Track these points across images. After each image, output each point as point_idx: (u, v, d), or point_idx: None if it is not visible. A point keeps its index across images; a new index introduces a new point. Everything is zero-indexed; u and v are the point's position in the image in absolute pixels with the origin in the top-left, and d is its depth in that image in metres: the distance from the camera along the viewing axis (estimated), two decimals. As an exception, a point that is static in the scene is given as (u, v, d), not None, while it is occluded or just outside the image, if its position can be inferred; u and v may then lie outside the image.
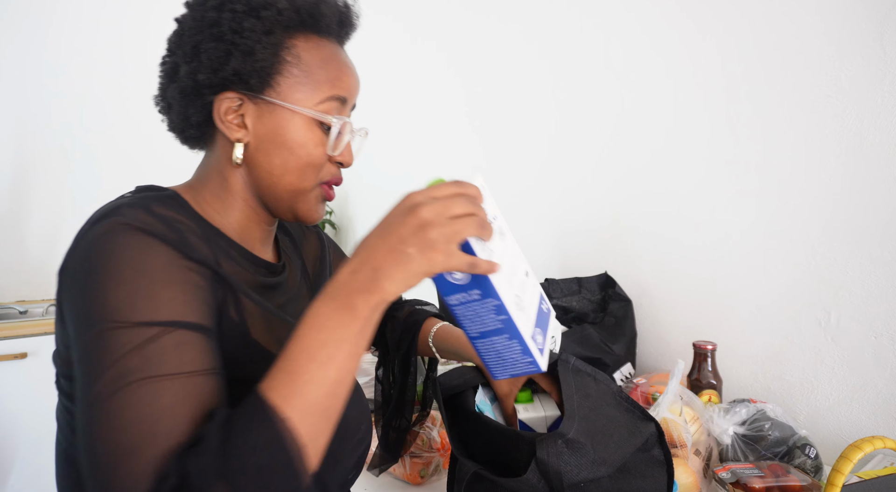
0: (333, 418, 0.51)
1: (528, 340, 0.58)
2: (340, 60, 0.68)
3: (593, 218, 1.55)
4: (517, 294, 0.60)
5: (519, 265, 0.63)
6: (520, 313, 0.58)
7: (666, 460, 0.77)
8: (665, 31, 1.36)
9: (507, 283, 0.58)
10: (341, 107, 0.67)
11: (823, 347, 1.11)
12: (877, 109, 1.03)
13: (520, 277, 0.62)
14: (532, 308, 0.62)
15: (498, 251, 0.56)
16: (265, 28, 0.63)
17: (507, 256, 0.60)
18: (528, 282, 0.64)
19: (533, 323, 0.61)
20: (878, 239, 1.04)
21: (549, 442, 0.65)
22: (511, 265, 0.61)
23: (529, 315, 0.61)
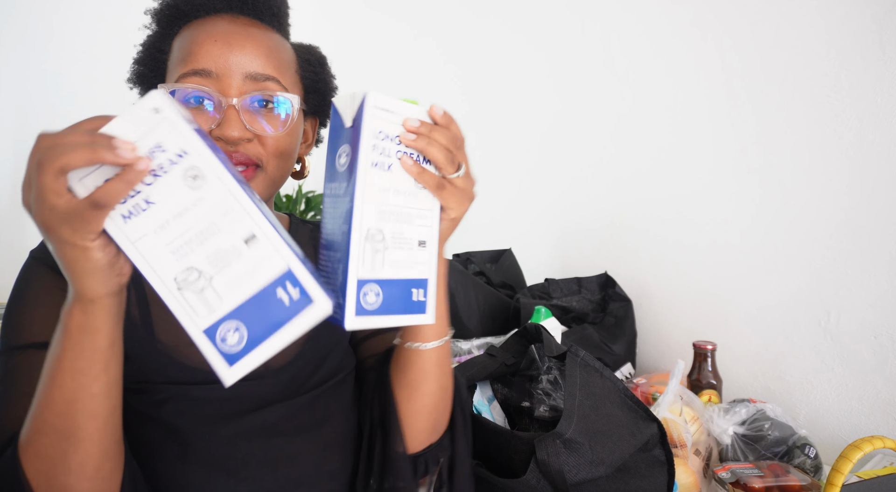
0: (81, 439, 0.47)
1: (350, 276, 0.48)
2: (199, 34, 0.62)
3: (593, 218, 1.55)
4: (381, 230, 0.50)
5: (417, 223, 0.52)
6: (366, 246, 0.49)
7: (667, 460, 0.77)
8: (665, 31, 1.36)
9: (376, 207, 0.49)
10: (204, 79, 0.61)
11: (823, 348, 1.11)
12: (877, 109, 1.03)
13: (399, 228, 0.51)
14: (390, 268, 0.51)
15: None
16: (159, 31, 0.68)
17: (390, 191, 0.50)
18: (416, 249, 0.53)
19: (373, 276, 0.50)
20: (878, 239, 1.04)
21: (549, 442, 0.65)
22: (406, 207, 0.51)
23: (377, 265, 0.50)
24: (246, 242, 0.44)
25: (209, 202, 0.43)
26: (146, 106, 0.42)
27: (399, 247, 0.50)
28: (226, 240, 0.43)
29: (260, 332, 0.44)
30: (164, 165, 0.42)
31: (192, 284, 0.43)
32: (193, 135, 0.43)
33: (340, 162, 0.50)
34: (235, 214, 0.43)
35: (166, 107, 0.42)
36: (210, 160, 0.43)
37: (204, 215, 0.43)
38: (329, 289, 0.47)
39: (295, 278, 0.44)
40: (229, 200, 0.43)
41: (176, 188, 0.42)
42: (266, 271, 0.44)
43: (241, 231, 0.43)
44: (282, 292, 0.44)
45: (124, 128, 0.41)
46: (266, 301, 0.44)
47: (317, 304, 0.44)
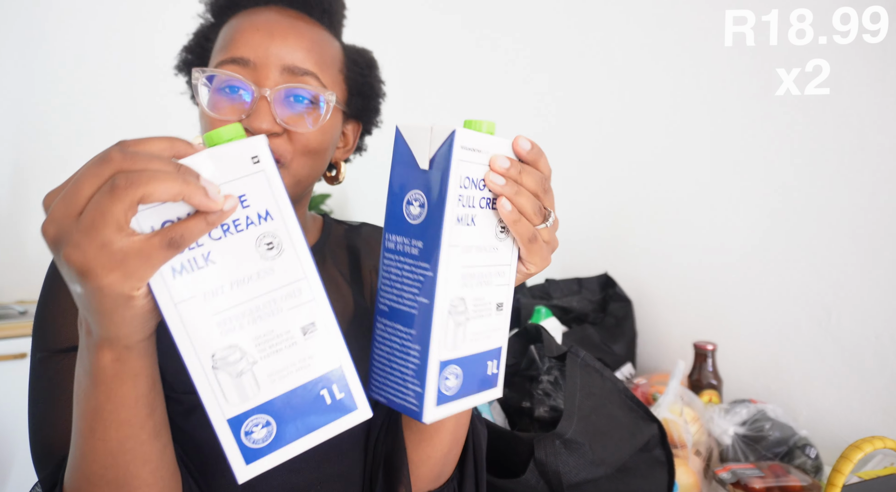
0: (136, 487, 0.44)
1: (432, 360, 0.41)
2: (243, 22, 0.61)
3: (593, 218, 1.55)
4: (464, 300, 0.43)
5: (494, 283, 0.46)
6: (448, 321, 0.42)
7: (667, 460, 0.77)
8: (664, 31, 1.36)
9: (459, 271, 0.42)
10: (240, 68, 0.58)
11: (823, 348, 1.11)
12: (877, 109, 1.03)
13: (481, 295, 0.45)
14: (470, 342, 0.44)
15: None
16: (211, 20, 0.66)
17: (481, 253, 0.44)
18: (494, 313, 0.46)
19: (455, 355, 0.43)
20: (878, 239, 1.03)
21: (548, 442, 0.65)
22: (483, 268, 0.45)
23: (458, 341, 0.43)
24: (304, 330, 0.39)
25: (277, 278, 0.37)
26: (245, 151, 0.36)
27: (480, 315, 0.42)
28: (283, 324, 0.38)
29: (291, 430, 0.39)
30: (240, 221, 0.36)
31: (230, 366, 0.37)
32: (285, 198, 0.37)
33: (412, 212, 0.42)
34: (303, 298, 0.38)
35: (266, 157, 0.36)
36: (294, 232, 0.37)
37: (267, 291, 0.37)
38: (376, 392, 0.44)
39: (344, 380, 0.40)
40: (301, 280, 0.38)
41: (245, 252, 0.36)
42: (316, 367, 0.39)
43: (304, 318, 0.38)
44: (325, 392, 0.39)
45: (210, 166, 0.35)
46: (307, 398, 0.39)
47: (359, 411, 0.40)
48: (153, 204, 0.34)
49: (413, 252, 0.42)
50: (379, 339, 0.44)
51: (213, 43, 0.64)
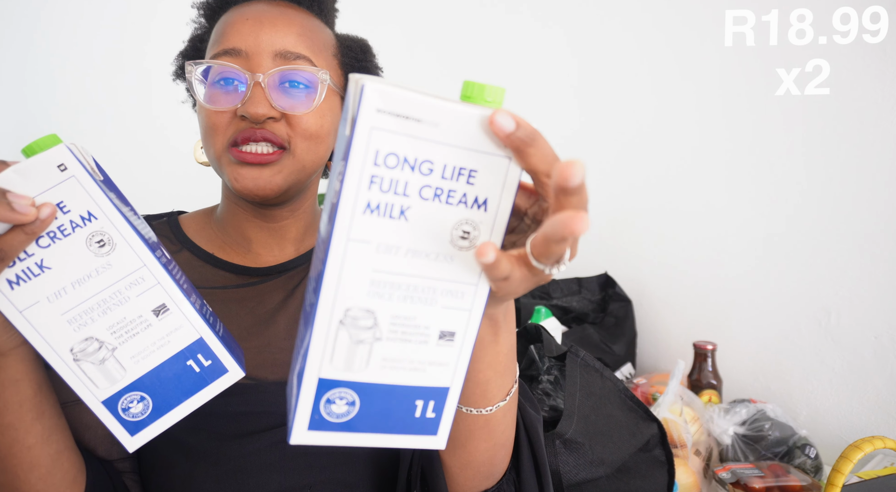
0: (20, 490, 0.44)
1: (308, 373, 0.34)
2: (233, 15, 0.61)
3: (593, 218, 1.54)
4: (371, 311, 0.34)
5: (426, 314, 0.35)
6: (339, 333, 0.34)
7: (667, 460, 0.77)
8: (663, 30, 1.36)
9: (366, 276, 0.33)
10: (233, 58, 0.58)
11: (823, 347, 1.11)
12: (877, 109, 1.03)
13: (407, 309, 0.34)
14: (380, 368, 0.36)
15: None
16: (204, 24, 0.67)
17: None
18: (432, 342, 0.36)
19: (348, 378, 0.35)
20: (878, 239, 1.03)
21: (547, 442, 0.65)
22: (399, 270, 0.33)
23: (357, 362, 0.35)
24: (156, 312, 0.41)
25: (116, 270, 0.39)
26: (49, 161, 0.37)
27: (402, 338, 0.34)
28: (133, 310, 0.40)
29: (167, 400, 0.42)
30: (65, 227, 0.38)
31: (90, 355, 0.39)
32: (103, 197, 0.38)
33: (334, 187, 0.33)
34: (146, 284, 0.40)
35: (72, 163, 0.37)
36: (121, 226, 0.39)
37: (109, 284, 0.39)
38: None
39: (208, 349, 0.42)
40: (140, 269, 0.40)
41: (77, 253, 0.38)
42: (176, 342, 0.42)
43: (153, 302, 0.40)
44: (193, 363, 0.42)
45: (18, 180, 0.36)
46: (175, 370, 0.42)
47: (230, 373, 0.44)
48: None
49: (323, 236, 0.34)
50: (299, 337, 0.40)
51: (205, 44, 0.65)
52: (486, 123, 0.31)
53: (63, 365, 0.39)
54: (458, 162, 0.32)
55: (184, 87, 0.70)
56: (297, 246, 0.67)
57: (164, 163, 2.15)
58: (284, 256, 0.66)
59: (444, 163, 0.32)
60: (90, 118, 2.58)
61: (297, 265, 0.65)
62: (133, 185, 1.74)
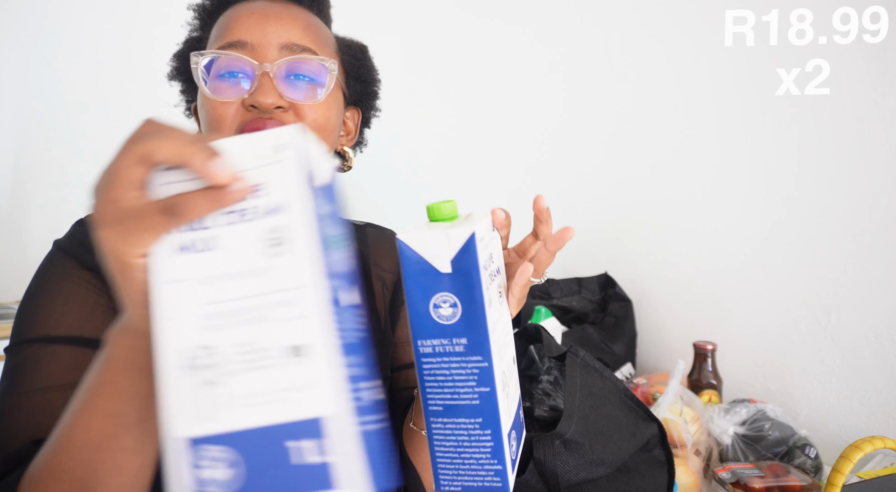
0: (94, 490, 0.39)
1: (504, 438, 0.43)
2: (237, 10, 0.61)
3: (593, 218, 1.55)
4: (504, 372, 0.45)
5: (509, 342, 0.48)
6: (504, 398, 0.44)
7: (667, 460, 0.77)
8: (663, 30, 1.36)
9: (499, 352, 0.44)
10: (239, 50, 0.59)
11: (823, 347, 1.11)
12: (877, 109, 1.03)
13: (509, 358, 0.47)
14: (514, 404, 0.47)
15: None
16: (200, 25, 0.67)
17: (499, 323, 0.46)
18: (515, 371, 0.49)
19: (511, 423, 0.45)
20: (878, 239, 1.03)
21: (546, 442, 0.65)
22: (503, 334, 0.46)
23: (510, 410, 0.46)
24: (294, 351, 0.30)
25: (274, 279, 0.31)
26: (272, 139, 0.33)
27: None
28: (271, 335, 0.31)
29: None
30: (252, 210, 0.32)
31: (201, 369, 0.31)
32: (305, 193, 0.32)
33: (443, 314, 0.43)
34: (298, 310, 0.31)
35: (290, 148, 0.32)
36: (305, 232, 0.32)
37: (260, 292, 0.31)
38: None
39: (326, 441, 0.29)
40: (299, 289, 0.31)
41: (249, 244, 0.32)
42: (294, 404, 0.30)
43: (295, 336, 0.30)
44: (294, 447, 0.30)
45: (235, 150, 0.33)
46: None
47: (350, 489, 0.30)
48: (180, 177, 0.33)
49: (458, 349, 0.43)
50: (440, 436, 0.45)
51: (204, 44, 0.65)
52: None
53: (167, 365, 0.32)
54: (490, 250, 0.38)
55: (177, 89, 0.71)
56: None
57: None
58: None
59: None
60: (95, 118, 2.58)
61: None
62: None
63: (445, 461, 0.45)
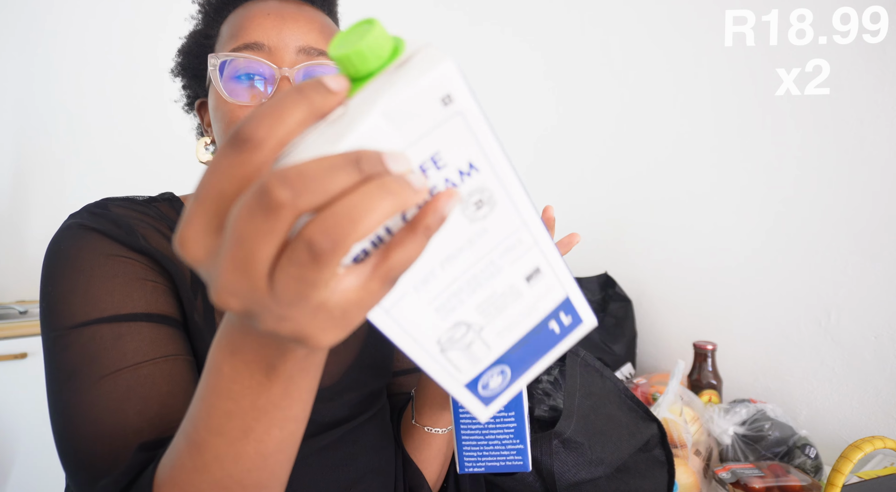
0: (273, 488, 0.38)
1: (526, 419, 0.48)
2: (251, 10, 0.61)
3: (593, 218, 1.55)
4: None
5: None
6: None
7: (667, 460, 0.77)
8: (663, 31, 1.36)
9: None
10: (256, 53, 0.58)
11: (823, 347, 1.11)
12: (877, 109, 1.03)
13: None
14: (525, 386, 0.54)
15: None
16: (206, 19, 0.66)
17: None
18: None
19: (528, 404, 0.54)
20: (878, 239, 1.03)
21: (545, 442, 0.65)
22: None
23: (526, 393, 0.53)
24: (528, 278, 0.32)
25: (492, 235, 0.30)
26: (432, 92, 0.25)
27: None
28: (504, 281, 0.32)
29: (524, 365, 0.36)
30: (437, 189, 0.27)
31: (457, 342, 0.32)
32: (492, 139, 0.28)
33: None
34: (523, 247, 0.31)
35: (460, 92, 0.26)
36: (506, 177, 0.29)
37: (482, 255, 0.30)
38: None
39: (571, 305, 0.35)
40: (520, 229, 0.31)
41: (449, 223, 0.29)
42: (544, 306, 0.34)
43: (527, 267, 0.32)
44: (554, 323, 0.35)
45: (388, 130, 0.25)
46: (538, 336, 0.35)
47: (584, 324, 0.37)
48: None
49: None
50: (466, 421, 0.49)
51: (213, 40, 0.64)
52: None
53: (428, 359, 0.32)
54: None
55: (179, 85, 0.70)
56: None
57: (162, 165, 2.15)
58: None
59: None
60: (95, 118, 2.58)
61: None
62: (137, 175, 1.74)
63: (471, 444, 0.48)
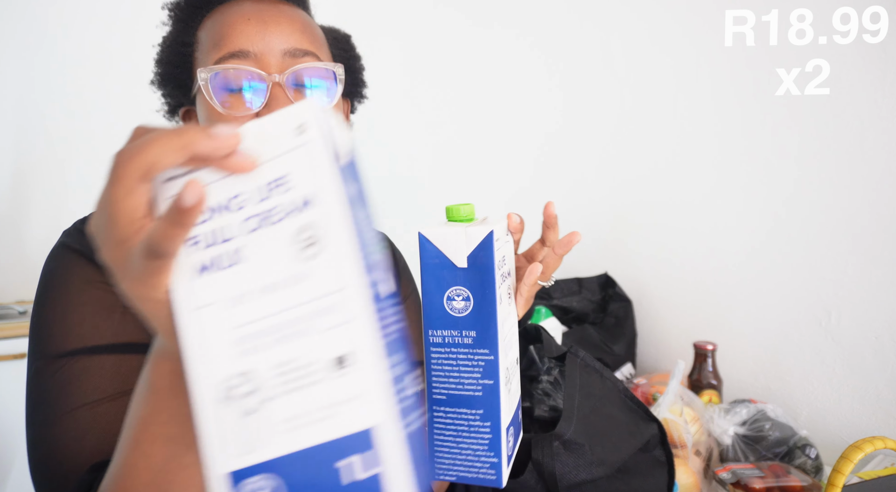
0: None
1: (503, 431, 0.45)
2: (231, 14, 0.59)
3: (594, 218, 1.55)
4: (508, 369, 0.48)
5: (515, 342, 0.51)
6: (506, 393, 0.47)
7: (667, 460, 0.77)
8: (663, 30, 1.36)
9: (505, 348, 0.47)
10: (242, 61, 0.57)
11: (824, 347, 1.10)
12: (877, 109, 1.03)
13: (513, 357, 0.50)
14: (514, 402, 0.50)
15: None
16: (180, 25, 0.64)
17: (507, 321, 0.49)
18: (517, 371, 0.52)
19: (510, 419, 0.48)
20: (878, 239, 1.03)
21: (545, 443, 0.65)
22: (510, 333, 0.49)
23: (511, 407, 0.49)
24: (338, 363, 0.27)
25: (313, 285, 0.28)
26: (288, 120, 0.28)
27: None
28: (310, 350, 0.28)
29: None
30: (279, 210, 0.28)
31: (238, 399, 0.28)
32: (335, 178, 0.28)
33: (456, 306, 0.46)
34: (339, 316, 0.27)
35: (313, 127, 0.28)
36: (339, 225, 0.27)
37: (298, 302, 0.28)
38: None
39: (376, 453, 0.27)
40: (346, 289, 0.27)
41: (279, 249, 0.28)
42: (343, 421, 0.27)
43: (337, 344, 0.27)
44: (344, 464, 0.27)
45: (249, 137, 0.29)
46: (320, 465, 0.27)
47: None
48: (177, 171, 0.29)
49: (467, 341, 0.46)
50: (440, 425, 0.47)
51: (191, 47, 0.63)
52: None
53: (202, 400, 0.28)
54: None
55: (159, 95, 0.69)
56: None
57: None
58: None
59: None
60: (96, 118, 2.58)
61: None
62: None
63: (444, 451, 0.47)
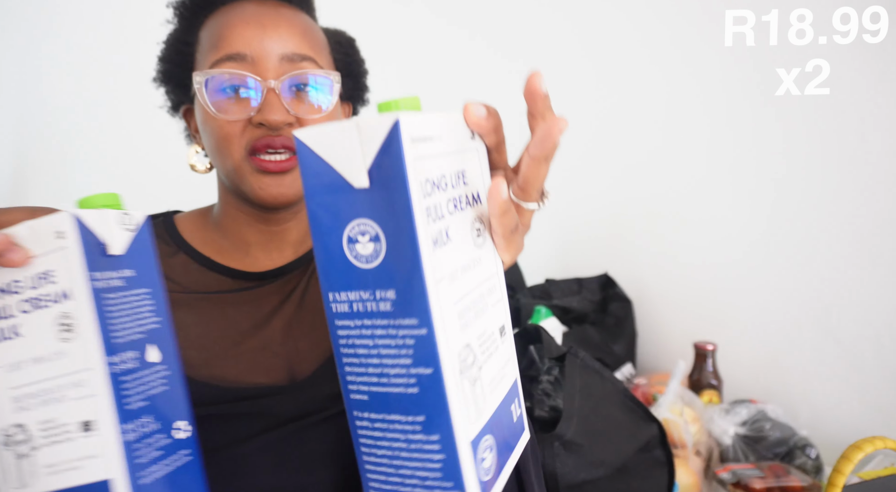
0: None
1: (462, 446, 0.28)
2: (232, 16, 0.59)
3: (594, 218, 1.55)
4: (472, 348, 0.31)
5: (494, 305, 0.35)
6: (466, 386, 0.29)
7: (667, 460, 0.77)
8: (663, 30, 1.36)
9: (459, 315, 0.30)
10: (239, 64, 0.57)
11: (824, 348, 1.10)
12: (877, 109, 1.03)
13: (490, 328, 0.34)
14: (497, 396, 0.33)
15: None
16: (183, 24, 0.65)
17: (473, 273, 0.32)
18: (506, 351, 0.36)
19: (483, 423, 0.30)
20: (879, 239, 1.03)
21: (545, 444, 0.65)
22: (480, 291, 0.33)
23: (485, 405, 0.31)
24: (84, 426, 0.35)
25: (68, 363, 0.36)
26: (52, 225, 0.35)
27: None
28: (65, 414, 0.36)
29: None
30: (48, 298, 0.36)
31: (13, 446, 0.36)
32: (83, 279, 0.35)
33: (361, 252, 0.29)
34: (85, 390, 0.35)
35: (71, 234, 0.35)
36: (86, 317, 0.35)
37: (56, 375, 0.36)
38: None
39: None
40: (85, 371, 0.35)
41: (44, 330, 0.36)
42: (85, 472, 0.35)
43: (83, 412, 0.35)
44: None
45: (25, 235, 0.36)
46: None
47: None
48: None
49: (384, 308, 0.29)
50: (368, 440, 0.31)
51: (192, 47, 0.63)
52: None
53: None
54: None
55: (161, 91, 0.70)
56: (296, 249, 0.67)
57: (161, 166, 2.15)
58: (283, 260, 0.66)
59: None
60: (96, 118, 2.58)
61: (293, 269, 0.65)
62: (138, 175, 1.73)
63: (378, 479, 0.31)
